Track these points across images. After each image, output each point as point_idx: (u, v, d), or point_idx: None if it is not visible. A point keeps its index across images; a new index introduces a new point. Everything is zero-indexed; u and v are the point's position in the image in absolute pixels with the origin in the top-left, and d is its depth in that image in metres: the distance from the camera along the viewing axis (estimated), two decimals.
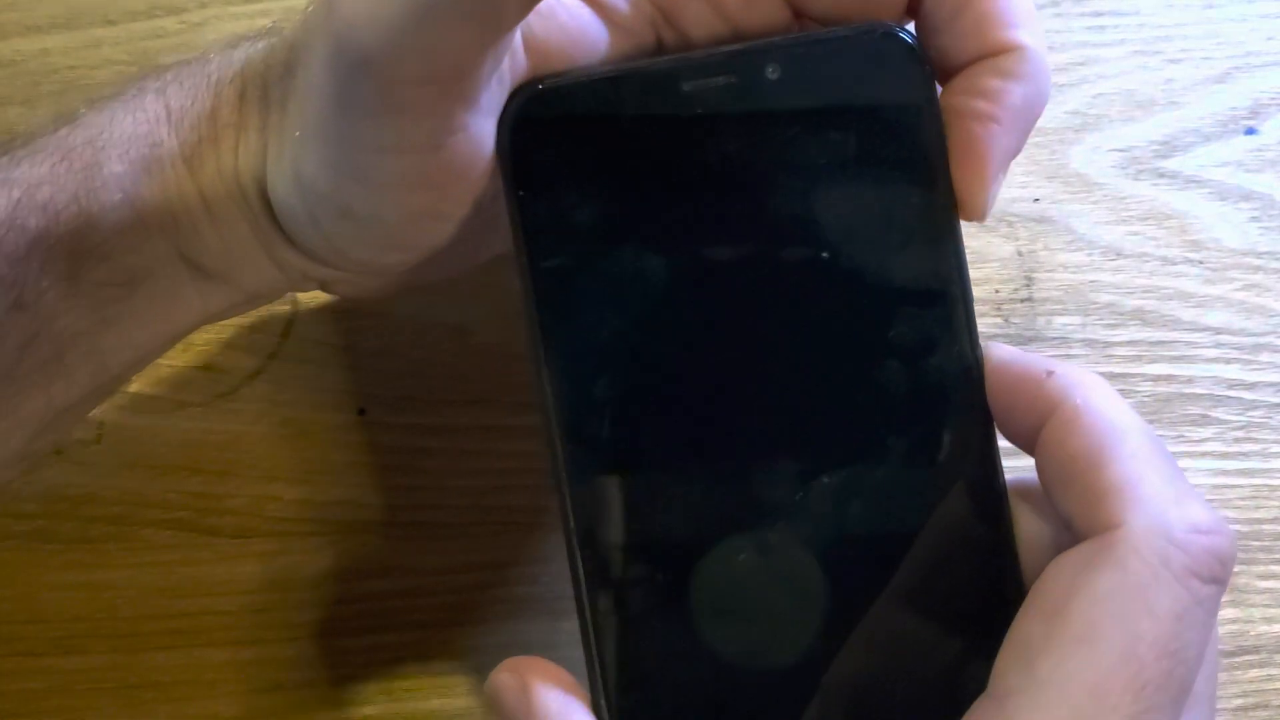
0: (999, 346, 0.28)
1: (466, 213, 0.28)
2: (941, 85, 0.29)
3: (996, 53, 0.28)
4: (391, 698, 0.37)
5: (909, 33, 0.28)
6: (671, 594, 0.28)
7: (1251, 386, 0.39)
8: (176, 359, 0.38)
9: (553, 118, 0.28)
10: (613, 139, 0.28)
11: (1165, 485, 0.26)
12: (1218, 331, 0.39)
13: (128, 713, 0.37)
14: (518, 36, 0.28)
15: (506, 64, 0.27)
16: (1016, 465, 0.29)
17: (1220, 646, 0.38)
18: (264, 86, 0.29)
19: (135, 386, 0.38)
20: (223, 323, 0.38)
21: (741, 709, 0.28)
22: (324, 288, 0.32)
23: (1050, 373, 0.27)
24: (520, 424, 0.38)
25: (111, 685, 0.37)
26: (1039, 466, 0.27)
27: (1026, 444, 0.28)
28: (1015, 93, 0.28)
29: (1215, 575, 0.25)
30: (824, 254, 0.28)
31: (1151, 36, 0.41)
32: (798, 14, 0.29)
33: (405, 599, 0.37)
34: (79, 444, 0.38)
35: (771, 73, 0.28)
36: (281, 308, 0.38)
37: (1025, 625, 0.26)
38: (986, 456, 0.28)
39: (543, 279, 0.28)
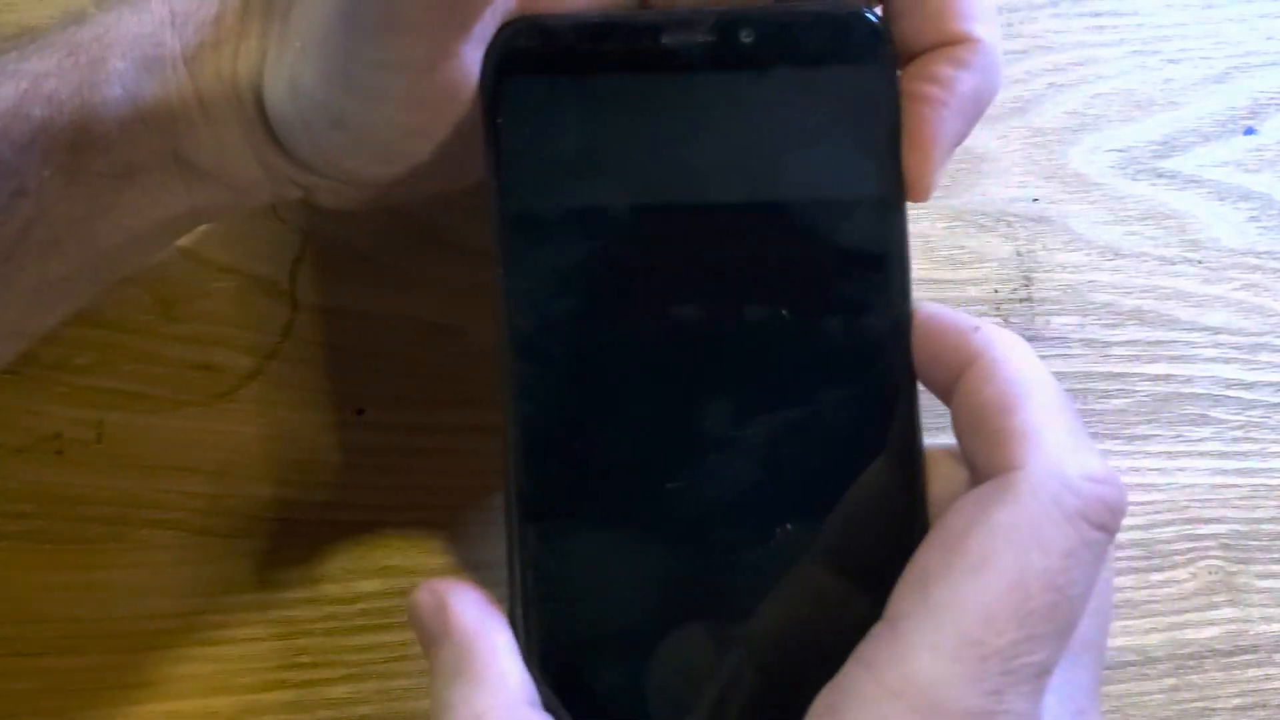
0: (929, 304, 0.30)
1: (449, 134, 0.30)
2: (902, 68, 0.30)
3: (952, 42, 0.29)
4: (389, 698, 0.37)
5: (877, 15, 0.30)
6: (594, 522, 0.29)
7: (1250, 386, 0.39)
8: (176, 359, 0.38)
9: (534, 54, 0.29)
10: (589, 82, 0.29)
11: (1066, 436, 0.27)
12: (1216, 331, 0.39)
13: (124, 713, 0.37)
14: None
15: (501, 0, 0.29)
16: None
17: (1218, 646, 0.38)
18: None
19: (134, 386, 0.38)
20: (221, 323, 0.38)
21: (650, 631, 0.29)
22: (308, 194, 0.33)
23: (976, 328, 0.28)
24: None
25: (108, 685, 0.37)
26: (953, 413, 0.28)
27: (945, 393, 0.29)
28: (965, 81, 0.29)
29: (1104, 522, 0.26)
30: (773, 208, 0.30)
31: (1150, 36, 0.41)
32: None
33: (402, 599, 0.37)
34: (77, 444, 0.38)
35: (746, 36, 0.29)
36: (280, 308, 0.38)
37: (923, 556, 0.27)
38: (907, 410, 0.29)
39: (510, 205, 0.29)
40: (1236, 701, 0.38)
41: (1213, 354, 0.39)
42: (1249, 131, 0.41)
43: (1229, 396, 0.39)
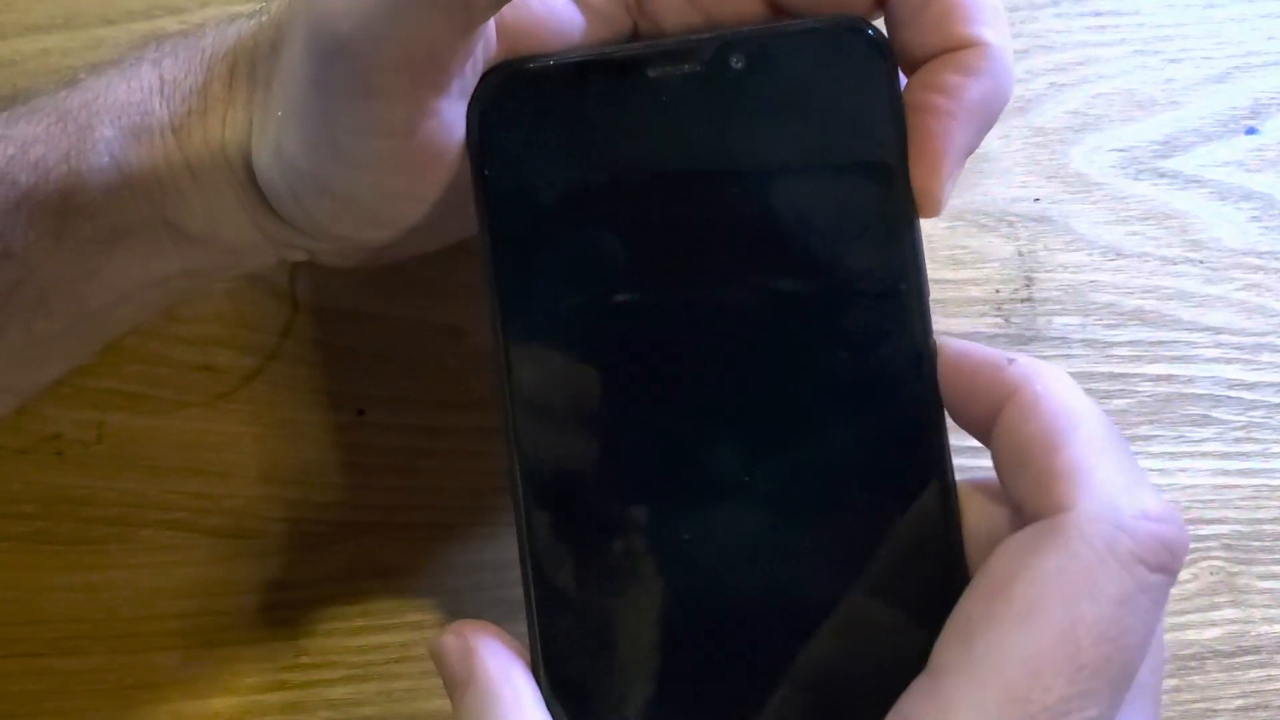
0: (955, 340, 0.28)
1: (440, 194, 0.29)
2: (906, 79, 0.29)
3: (958, 48, 0.28)
4: (390, 699, 0.37)
5: (875, 27, 0.29)
6: (614, 568, 0.28)
7: (1252, 386, 0.39)
8: (176, 360, 0.38)
9: (519, 100, 0.28)
10: (577, 123, 0.29)
11: (1117, 473, 0.25)
12: (1218, 331, 0.39)
13: (127, 714, 0.37)
14: (490, 23, 0.28)
15: (479, 50, 0.28)
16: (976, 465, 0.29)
17: (1220, 647, 0.38)
18: (252, 63, 0.30)
19: (135, 387, 0.38)
20: (222, 323, 0.38)
21: (677, 684, 0.28)
22: (311, 256, 0.33)
23: (1011, 360, 0.27)
24: None
25: (110, 686, 0.37)
26: (994, 452, 0.27)
27: (982, 431, 0.28)
28: (974, 89, 0.28)
29: (1163, 564, 0.25)
30: (781, 242, 0.28)
31: (1152, 36, 0.41)
32: (772, 6, 0.30)
33: (403, 599, 0.37)
34: (79, 444, 0.38)
35: (736, 62, 0.28)
36: (280, 308, 0.38)
37: (967, 605, 0.25)
38: (935, 446, 0.28)
39: (503, 257, 0.29)
40: (1239, 703, 0.38)
41: (1214, 354, 0.39)
42: (1250, 131, 0.41)
43: (1231, 397, 0.39)
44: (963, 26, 0.28)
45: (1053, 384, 0.27)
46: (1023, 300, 0.39)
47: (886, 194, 0.28)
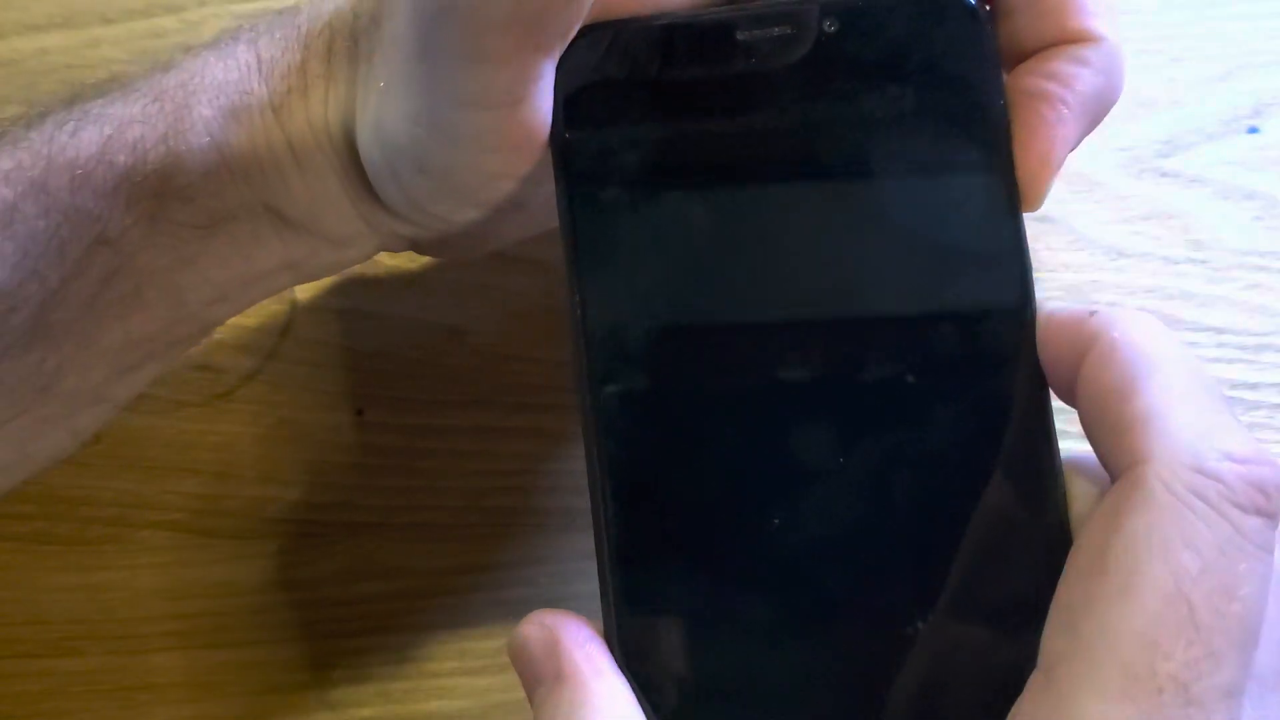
0: (1048, 304, 0.27)
1: (533, 170, 0.28)
2: (1008, 69, 0.28)
3: (1073, 40, 0.27)
4: (389, 699, 0.37)
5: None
6: (700, 559, 0.27)
7: (1254, 387, 0.39)
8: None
9: (605, 63, 0.28)
10: (664, 87, 0.28)
11: (1196, 417, 0.23)
12: (1220, 331, 0.39)
13: (125, 715, 0.37)
14: None
15: (584, 10, 0.27)
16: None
17: None
18: (353, 38, 0.29)
19: None
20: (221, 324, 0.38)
21: (766, 689, 0.27)
22: (415, 248, 0.32)
23: (1094, 311, 0.25)
24: (517, 425, 0.38)
25: (109, 687, 0.37)
26: (1079, 412, 0.25)
27: (1071, 393, 0.26)
28: (1089, 80, 0.27)
29: (1259, 506, 0.23)
30: (872, 212, 0.27)
31: (1153, 35, 0.41)
32: None
33: (402, 600, 0.37)
34: None
35: (829, 26, 0.27)
36: (279, 308, 0.38)
37: (1065, 590, 0.24)
38: (1039, 427, 0.26)
39: (582, 223, 0.27)
40: None
41: (1216, 354, 0.39)
42: (1252, 130, 0.41)
43: (1233, 397, 0.39)
44: (1079, 18, 0.27)
45: (1131, 328, 0.25)
46: None
47: (978, 171, 0.27)
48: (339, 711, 0.37)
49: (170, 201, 0.29)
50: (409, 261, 0.39)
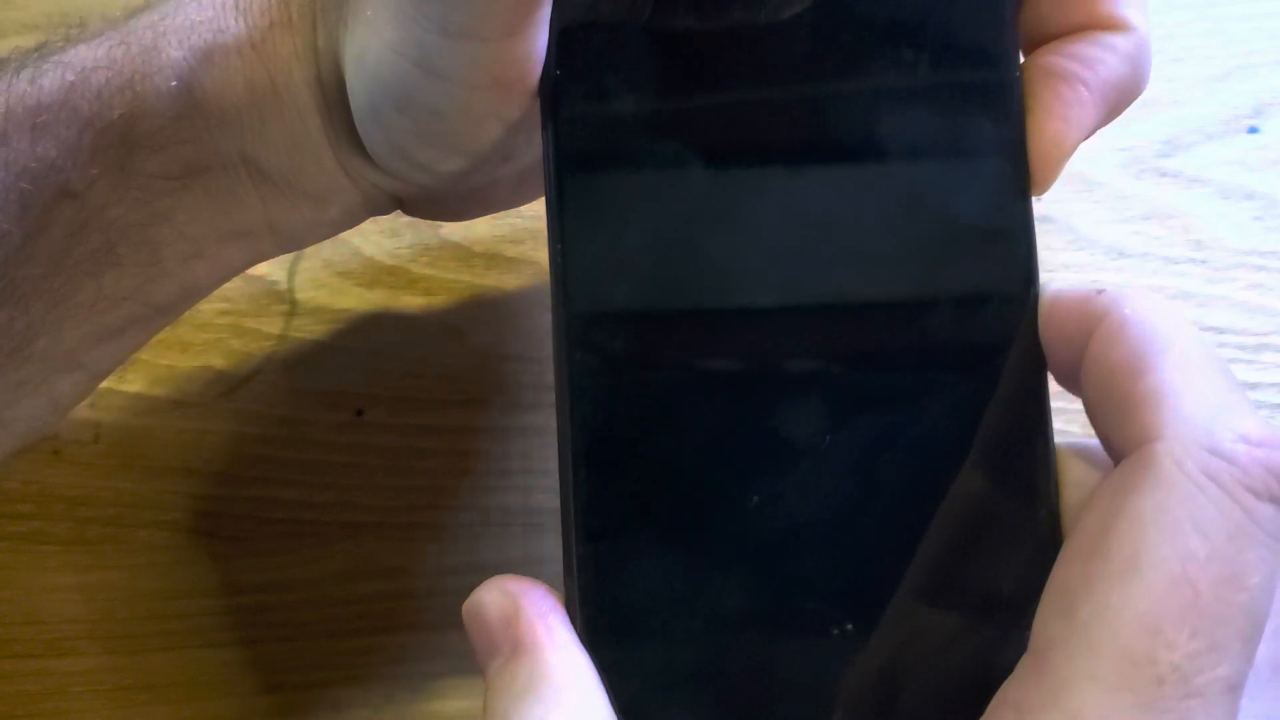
0: (1051, 285, 0.25)
1: (520, 115, 0.27)
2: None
3: (1102, 26, 0.26)
4: (389, 700, 0.37)
5: None
6: (671, 533, 0.25)
7: (1254, 387, 0.39)
8: (175, 359, 0.38)
9: (606, 1, 0.26)
10: (666, 32, 0.26)
11: (1210, 394, 0.22)
12: (1221, 331, 0.39)
13: (124, 715, 0.36)
14: None
15: None
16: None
17: None
18: None
19: (133, 387, 0.38)
20: (220, 323, 0.38)
21: (733, 659, 0.25)
22: (401, 207, 0.31)
23: (1101, 290, 0.24)
24: (517, 424, 0.38)
25: (107, 687, 0.37)
26: (1084, 393, 0.24)
27: (1074, 376, 0.25)
28: (1114, 67, 0.26)
29: (1274, 493, 0.22)
30: (869, 183, 0.26)
31: (1153, 35, 0.41)
32: None
33: (402, 600, 0.37)
34: (75, 444, 0.38)
35: None
36: (279, 308, 0.38)
37: (1062, 570, 0.22)
38: (1035, 409, 0.25)
39: (566, 168, 0.26)
40: None
41: None
42: (1252, 130, 0.41)
43: None
44: (1109, 4, 0.26)
45: (1142, 306, 0.23)
46: None
47: (996, 143, 0.26)
48: (340, 711, 0.36)
49: (139, 150, 0.28)
50: (409, 261, 0.39)
